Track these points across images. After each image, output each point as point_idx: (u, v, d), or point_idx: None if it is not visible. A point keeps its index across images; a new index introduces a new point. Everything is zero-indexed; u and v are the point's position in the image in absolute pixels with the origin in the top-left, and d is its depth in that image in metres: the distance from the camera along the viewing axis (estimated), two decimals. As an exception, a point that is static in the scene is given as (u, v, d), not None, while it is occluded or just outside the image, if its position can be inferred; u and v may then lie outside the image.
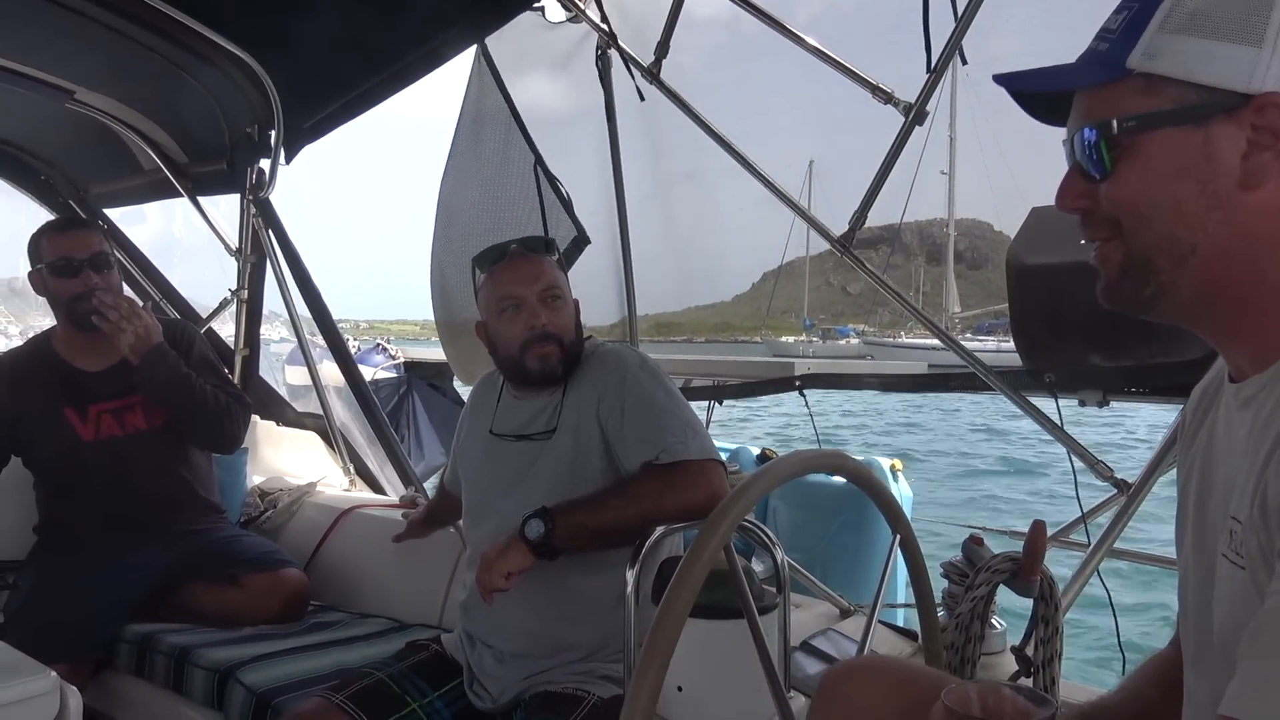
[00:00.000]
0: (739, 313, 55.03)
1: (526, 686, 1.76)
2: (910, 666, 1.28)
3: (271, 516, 3.11)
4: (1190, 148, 0.80)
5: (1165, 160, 0.81)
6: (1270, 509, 0.73)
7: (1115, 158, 0.83)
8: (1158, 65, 0.80)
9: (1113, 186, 0.84)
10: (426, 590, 2.56)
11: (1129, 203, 0.83)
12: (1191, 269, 0.82)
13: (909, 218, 29.23)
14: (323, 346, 3.54)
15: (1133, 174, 0.83)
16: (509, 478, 1.87)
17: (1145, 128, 0.81)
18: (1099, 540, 2.01)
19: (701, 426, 1.80)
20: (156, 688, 2.29)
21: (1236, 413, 0.86)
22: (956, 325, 36.53)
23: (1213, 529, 0.88)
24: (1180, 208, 0.81)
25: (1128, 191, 0.83)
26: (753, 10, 2.42)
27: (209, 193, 3.60)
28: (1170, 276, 0.83)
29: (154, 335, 2.54)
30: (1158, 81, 0.80)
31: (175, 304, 3.84)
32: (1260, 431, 0.79)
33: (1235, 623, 0.79)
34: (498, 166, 3.05)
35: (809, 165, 2.45)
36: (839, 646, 1.99)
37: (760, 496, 1.18)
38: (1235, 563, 0.79)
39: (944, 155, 34.96)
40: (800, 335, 48.46)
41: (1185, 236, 0.81)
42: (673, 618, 1.04)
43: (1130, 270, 0.85)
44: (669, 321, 3.75)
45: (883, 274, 2.52)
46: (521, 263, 1.87)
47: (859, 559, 3.16)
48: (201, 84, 3.07)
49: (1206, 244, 0.81)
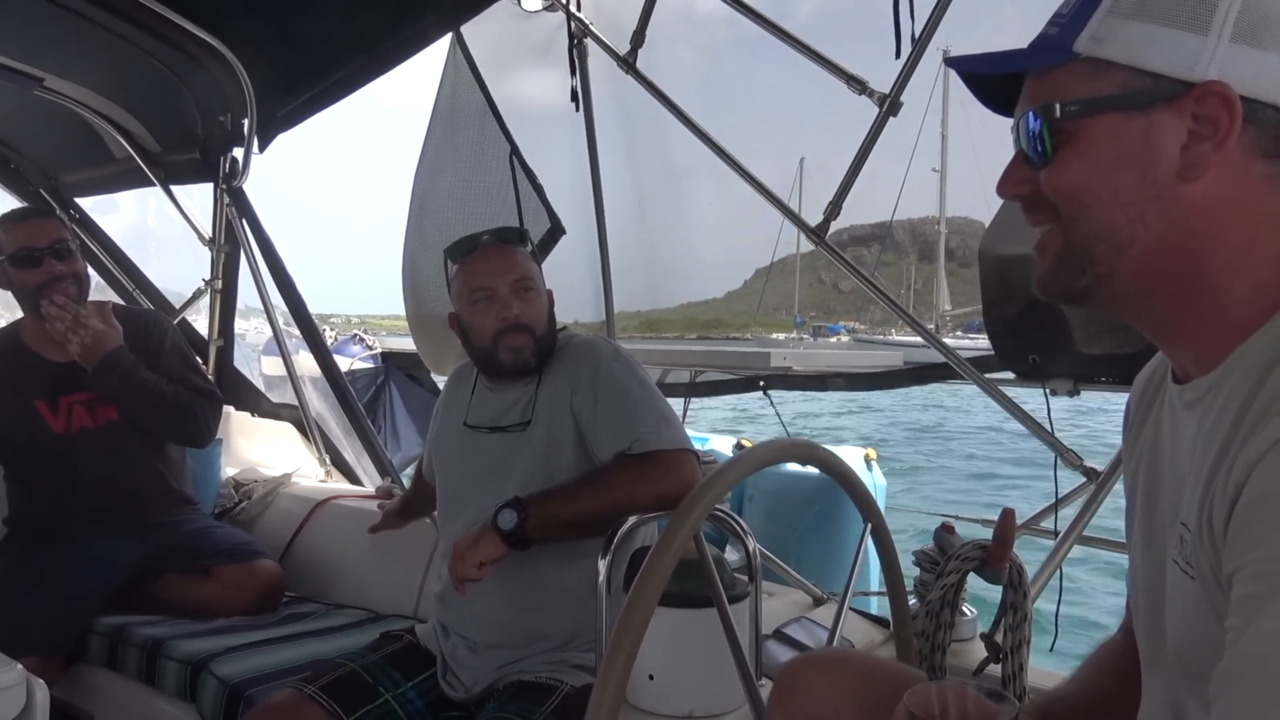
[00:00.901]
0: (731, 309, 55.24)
1: (500, 676, 1.77)
2: (870, 660, 1.29)
3: (246, 508, 3.09)
4: (1132, 135, 0.78)
5: (1106, 147, 0.79)
6: (1216, 528, 0.72)
7: (1057, 143, 0.81)
8: (1105, 50, 0.78)
9: (1052, 172, 0.82)
10: (402, 581, 2.55)
11: (1068, 190, 0.81)
12: (1129, 260, 0.80)
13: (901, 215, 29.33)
14: (298, 337, 3.52)
15: (1073, 160, 0.81)
16: (484, 470, 1.86)
17: (1088, 112, 0.79)
18: (1068, 528, 2.03)
19: (675, 417, 1.80)
20: (129, 680, 2.28)
21: (1182, 412, 0.85)
22: (948, 323, 36.63)
23: (1161, 531, 0.87)
24: (1119, 196, 0.79)
25: (1067, 178, 0.81)
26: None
27: (182, 182, 3.56)
28: (1107, 267, 0.81)
29: (106, 342, 2.51)
30: (1104, 66, 0.79)
31: (148, 294, 3.80)
32: (1206, 438, 0.78)
33: (1190, 634, 0.79)
34: (473, 157, 3.03)
35: (800, 163, 2.45)
36: (812, 634, 2.01)
37: (731, 486, 1.18)
38: (1186, 572, 0.78)
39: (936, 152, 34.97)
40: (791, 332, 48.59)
41: (1124, 226, 0.79)
42: (641, 606, 1.04)
43: (1067, 259, 0.83)
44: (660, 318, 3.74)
45: (874, 271, 2.53)
46: (493, 254, 1.87)
47: (833, 547, 3.18)
48: (173, 71, 3.04)
49: (1145, 235, 0.79)
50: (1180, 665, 0.82)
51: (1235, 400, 0.75)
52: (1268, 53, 0.75)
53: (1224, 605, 0.71)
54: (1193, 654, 0.79)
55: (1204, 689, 0.71)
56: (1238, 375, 0.76)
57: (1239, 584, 0.68)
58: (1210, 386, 0.80)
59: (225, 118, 3.24)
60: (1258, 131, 0.76)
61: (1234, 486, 0.70)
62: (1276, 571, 0.65)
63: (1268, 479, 0.67)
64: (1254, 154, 0.76)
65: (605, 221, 3.13)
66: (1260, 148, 0.76)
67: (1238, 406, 0.74)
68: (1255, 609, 0.65)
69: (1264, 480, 0.68)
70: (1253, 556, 0.67)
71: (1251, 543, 0.67)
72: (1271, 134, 0.76)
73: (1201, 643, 0.76)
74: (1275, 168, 0.76)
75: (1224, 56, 0.75)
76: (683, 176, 2.81)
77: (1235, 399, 0.75)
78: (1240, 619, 0.67)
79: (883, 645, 2.03)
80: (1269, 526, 0.66)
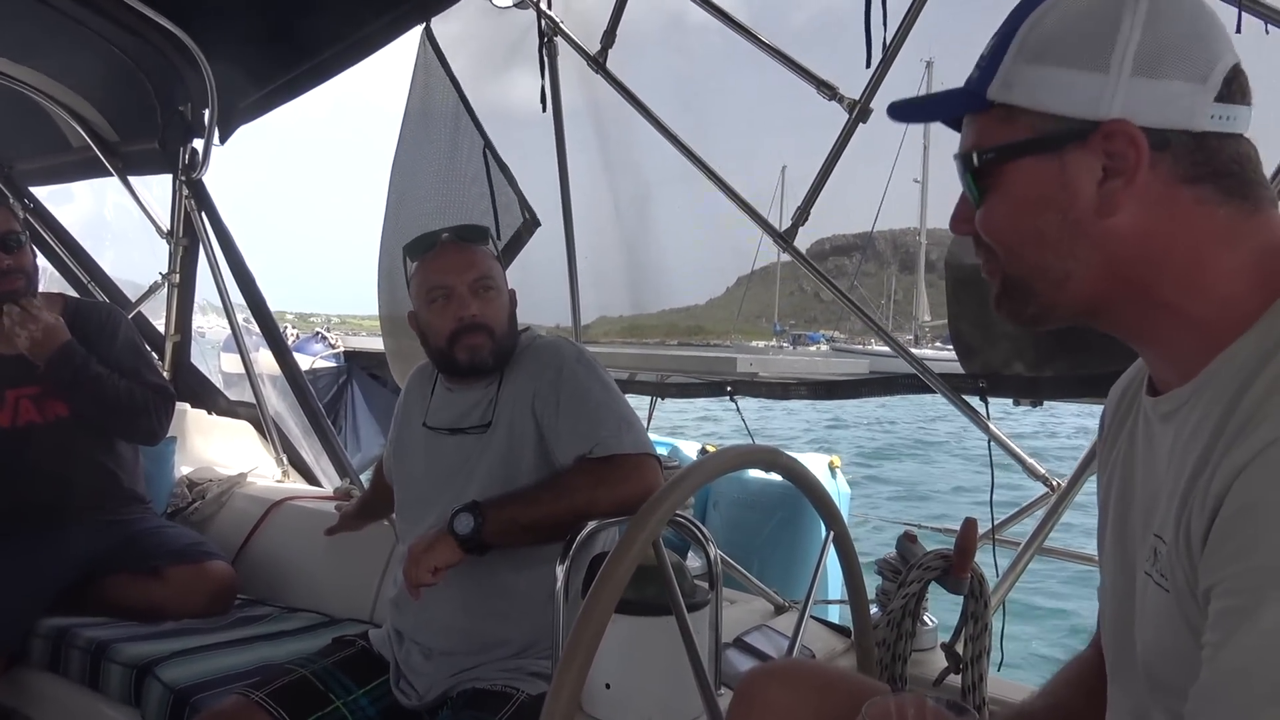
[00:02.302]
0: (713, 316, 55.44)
1: (454, 684, 1.73)
2: (830, 671, 1.28)
3: (199, 508, 3.03)
4: (1048, 177, 0.79)
5: (1026, 190, 0.80)
6: (1194, 540, 0.72)
7: (982, 188, 0.82)
8: (1013, 95, 0.79)
9: (983, 217, 0.84)
10: (358, 584, 2.51)
11: (996, 233, 0.83)
12: (1070, 292, 0.81)
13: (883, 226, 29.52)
14: (259, 334, 3.46)
15: (998, 205, 0.82)
16: (444, 472, 1.83)
17: (1003, 159, 0.80)
18: (1029, 538, 2.03)
19: (638, 421, 1.78)
20: (71, 684, 2.21)
21: (1158, 424, 0.84)
22: (927, 333, 36.92)
23: (1134, 543, 0.86)
24: (1044, 238, 0.80)
25: (994, 222, 0.83)
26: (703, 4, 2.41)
27: (140, 172, 3.49)
28: (1050, 299, 0.83)
29: (56, 337, 2.45)
30: (1016, 112, 0.79)
31: (103, 287, 3.72)
32: (1183, 450, 0.77)
33: (1161, 646, 0.78)
34: (447, 151, 2.99)
35: (782, 170, 2.44)
36: (773, 643, 1.99)
37: (692, 492, 1.16)
38: (1160, 584, 0.77)
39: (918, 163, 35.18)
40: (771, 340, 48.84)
41: (1056, 264, 0.80)
42: (597, 613, 1.02)
43: (1012, 292, 0.85)
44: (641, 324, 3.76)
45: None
46: (453, 252, 1.83)
47: (796, 555, 3.17)
48: (132, 59, 2.98)
49: (1080, 269, 0.80)
50: (1149, 678, 0.81)
51: (1214, 412, 0.74)
52: (1172, 81, 0.75)
53: (1198, 618, 0.70)
54: (1162, 667, 0.78)
55: (1173, 702, 0.70)
56: (1215, 387, 0.75)
57: (1218, 598, 0.67)
58: (1187, 398, 0.79)
59: (186, 108, 3.18)
60: (1174, 159, 0.76)
61: (1214, 497, 0.69)
62: (1257, 585, 0.64)
63: (1250, 490, 0.66)
64: (1174, 181, 0.76)
65: (574, 223, 3.10)
66: (1180, 174, 0.76)
67: (1216, 418, 0.73)
68: (1235, 623, 0.64)
69: (1246, 491, 0.67)
70: (1233, 570, 0.66)
71: (1232, 555, 0.67)
72: (1189, 160, 0.76)
73: (1172, 655, 0.75)
74: (1203, 190, 0.77)
75: (1126, 92, 0.75)
76: (666, 182, 2.79)
77: (1214, 410, 0.74)
78: (1219, 634, 0.66)
79: (844, 654, 2.02)
80: (1250, 539, 0.65)
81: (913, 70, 2.26)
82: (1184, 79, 0.75)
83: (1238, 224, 0.77)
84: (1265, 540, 0.64)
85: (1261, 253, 0.77)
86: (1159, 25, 0.75)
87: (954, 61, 0.88)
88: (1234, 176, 0.77)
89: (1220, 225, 0.77)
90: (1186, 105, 0.75)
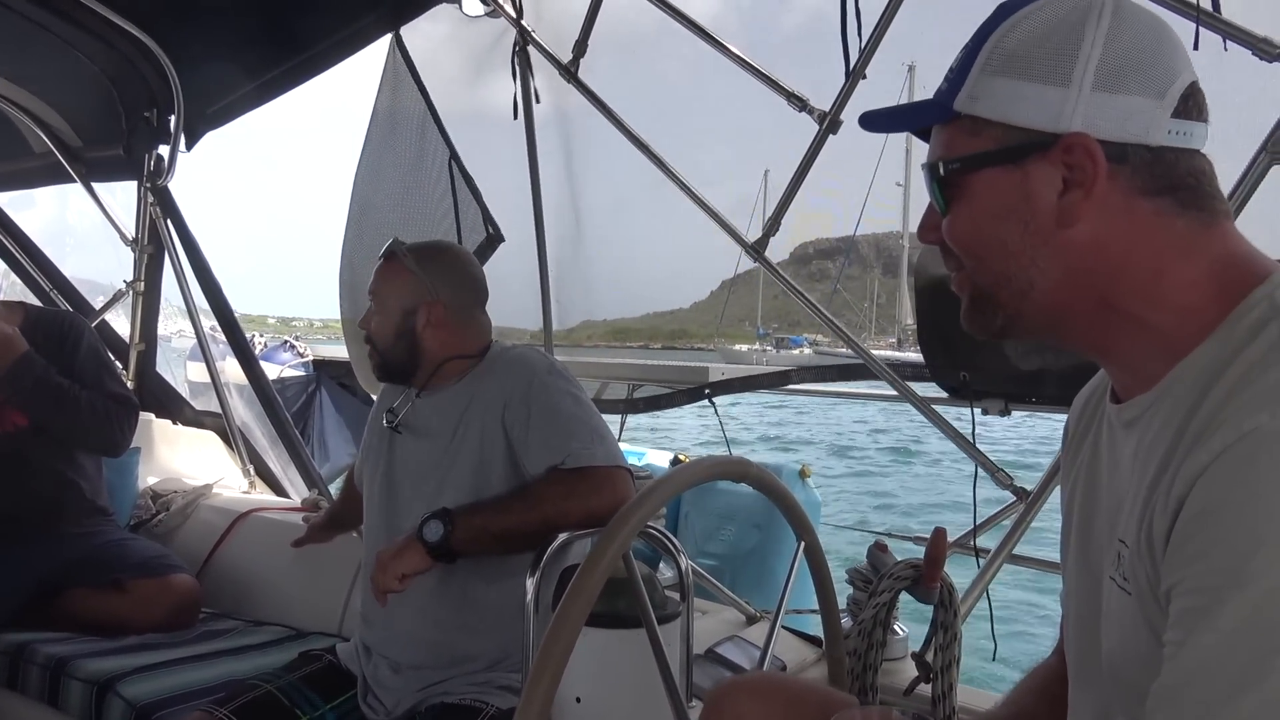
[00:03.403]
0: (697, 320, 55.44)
1: (422, 698, 1.71)
2: (800, 683, 1.28)
3: (164, 519, 2.97)
4: (1011, 188, 0.80)
5: (989, 201, 0.82)
6: (1156, 542, 0.73)
7: (948, 198, 0.84)
8: (979, 108, 0.81)
9: (948, 226, 0.85)
10: (326, 597, 2.47)
11: (962, 241, 0.85)
12: (1034, 302, 0.83)
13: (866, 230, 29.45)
14: (225, 342, 3.41)
15: (963, 214, 0.84)
16: (412, 479, 1.81)
17: (968, 169, 0.82)
18: (998, 547, 2.04)
19: (609, 433, 1.77)
20: (30, 701, 2.16)
21: (1120, 431, 0.85)
22: (909, 336, 37.21)
23: (1098, 549, 0.87)
24: (1007, 247, 0.81)
25: (959, 231, 0.84)
26: (669, 10, 2.42)
27: (104, 179, 3.44)
28: (1015, 309, 0.84)
29: (14, 348, 2.41)
30: (980, 123, 0.81)
31: (66, 295, 3.65)
32: (1145, 455, 0.78)
33: (1125, 649, 0.79)
34: (413, 160, 2.98)
35: (764, 175, 2.47)
36: (745, 653, 1.99)
37: (662, 504, 1.15)
38: (1123, 588, 0.79)
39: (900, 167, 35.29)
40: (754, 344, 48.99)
41: (1019, 274, 0.82)
42: (567, 626, 1.01)
43: (978, 302, 0.86)
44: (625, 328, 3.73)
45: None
46: (379, 265, 1.89)
47: (768, 565, 3.17)
48: (96, 64, 2.94)
49: (1041, 279, 0.81)
50: (1115, 680, 0.82)
51: (1175, 417, 0.75)
52: (1131, 96, 0.76)
53: (1159, 620, 0.72)
54: (1127, 669, 0.79)
55: (1135, 705, 0.71)
56: (1176, 393, 0.77)
57: (1178, 598, 0.68)
58: (1150, 404, 0.80)
59: (151, 114, 3.13)
60: (1132, 172, 0.77)
61: (1175, 499, 0.70)
62: (1216, 585, 0.65)
63: (1210, 492, 0.68)
64: (1134, 193, 0.78)
65: (545, 230, 3.09)
66: (1138, 187, 0.78)
67: (1178, 423, 0.74)
68: (1195, 623, 0.66)
69: (1206, 494, 0.68)
70: (1193, 570, 0.67)
71: (1192, 556, 0.68)
72: (1147, 173, 0.78)
73: (1134, 657, 0.77)
74: (1161, 202, 0.78)
75: (1087, 106, 0.77)
76: (650, 186, 2.80)
77: (1175, 416, 0.75)
78: (1180, 633, 0.67)
79: (815, 664, 2.02)
80: (1209, 540, 0.66)
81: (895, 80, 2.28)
82: (1142, 94, 0.76)
83: (1195, 235, 0.78)
84: (1224, 541, 0.65)
85: (1218, 263, 0.78)
86: (1119, 42, 0.77)
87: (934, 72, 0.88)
88: (1191, 190, 0.78)
89: (1178, 236, 0.78)
90: (1144, 120, 0.76)
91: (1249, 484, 0.65)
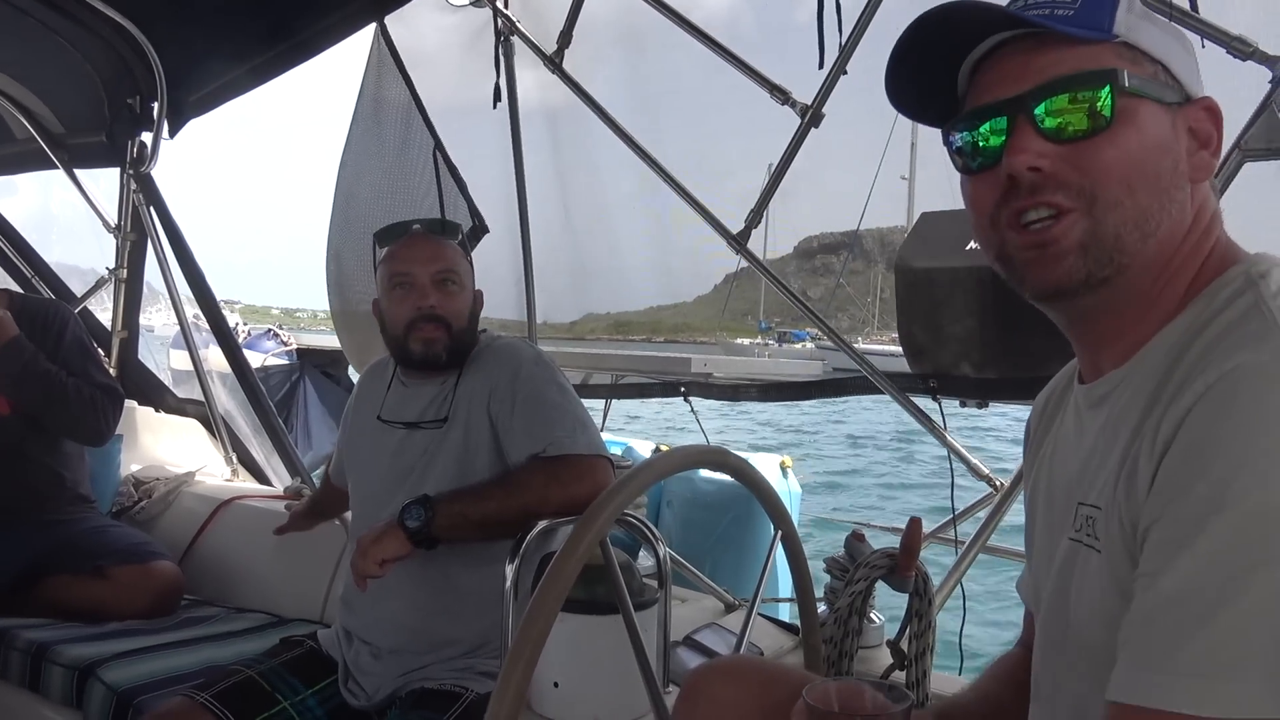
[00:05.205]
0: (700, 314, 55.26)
1: (403, 683, 1.72)
2: (774, 667, 1.30)
3: (146, 507, 2.97)
4: (1167, 124, 0.80)
5: (1154, 130, 0.79)
6: (1138, 493, 0.73)
7: (1116, 116, 0.78)
8: (1142, 40, 0.80)
9: (1105, 148, 0.78)
10: (308, 584, 2.48)
11: (1119, 169, 0.78)
12: (1148, 252, 0.79)
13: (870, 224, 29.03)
14: (209, 330, 3.41)
15: (1129, 138, 0.78)
16: (399, 468, 1.82)
17: (1143, 93, 0.79)
18: (973, 537, 2.07)
19: (592, 423, 1.79)
20: (10, 686, 2.16)
21: (1086, 412, 0.87)
22: None
23: (1063, 525, 0.88)
24: (1160, 182, 0.79)
25: (1122, 155, 0.78)
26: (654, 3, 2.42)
27: (87, 166, 3.43)
28: (1131, 256, 0.79)
29: (3, 332, 2.40)
30: (1140, 55, 0.80)
31: (49, 283, 3.63)
32: (1116, 422, 0.80)
33: (1092, 613, 0.80)
34: (397, 150, 2.97)
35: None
36: (722, 640, 2.01)
37: (640, 493, 1.17)
38: (1092, 546, 0.80)
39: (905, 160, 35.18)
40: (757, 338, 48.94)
41: (1158, 212, 0.79)
42: (543, 612, 1.03)
43: (1094, 248, 0.79)
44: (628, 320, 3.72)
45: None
46: (420, 243, 1.85)
47: (747, 554, 3.20)
48: (79, 50, 2.92)
49: (1167, 225, 0.80)
50: (1080, 649, 0.83)
51: (1149, 383, 0.77)
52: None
53: (1128, 579, 0.72)
54: (1094, 632, 0.79)
55: (1104, 669, 0.71)
56: (1150, 362, 0.79)
57: (1156, 531, 0.69)
58: (1122, 378, 0.82)
59: (134, 100, 3.12)
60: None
61: (1162, 443, 0.71)
62: (1197, 514, 0.66)
63: (1193, 430, 0.69)
64: None
65: (530, 221, 3.10)
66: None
67: (1151, 388, 0.76)
68: (1174, 551, 0.66)
69: (1190, 432, 0.69)
70: (1174, 504, 0.68)
71: (1175, 492, 0.68)
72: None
73: (1103, 620, 0.76)
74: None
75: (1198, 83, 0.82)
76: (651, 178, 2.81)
77: (1149, 382, 0.77)
78: (1156, 563, 0.68)
79: (791, 652, 2.05)
80: (1192, 473, 0.67)
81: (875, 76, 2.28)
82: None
83: (1218, 218, 0.84)
84: (1205, 472, 0.66)
85: (1218, 245, 0.83)
86: None
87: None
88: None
89: (1218, 217, 0.84)
90: None
91: (1230, 416, 0.67)
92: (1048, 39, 0.80)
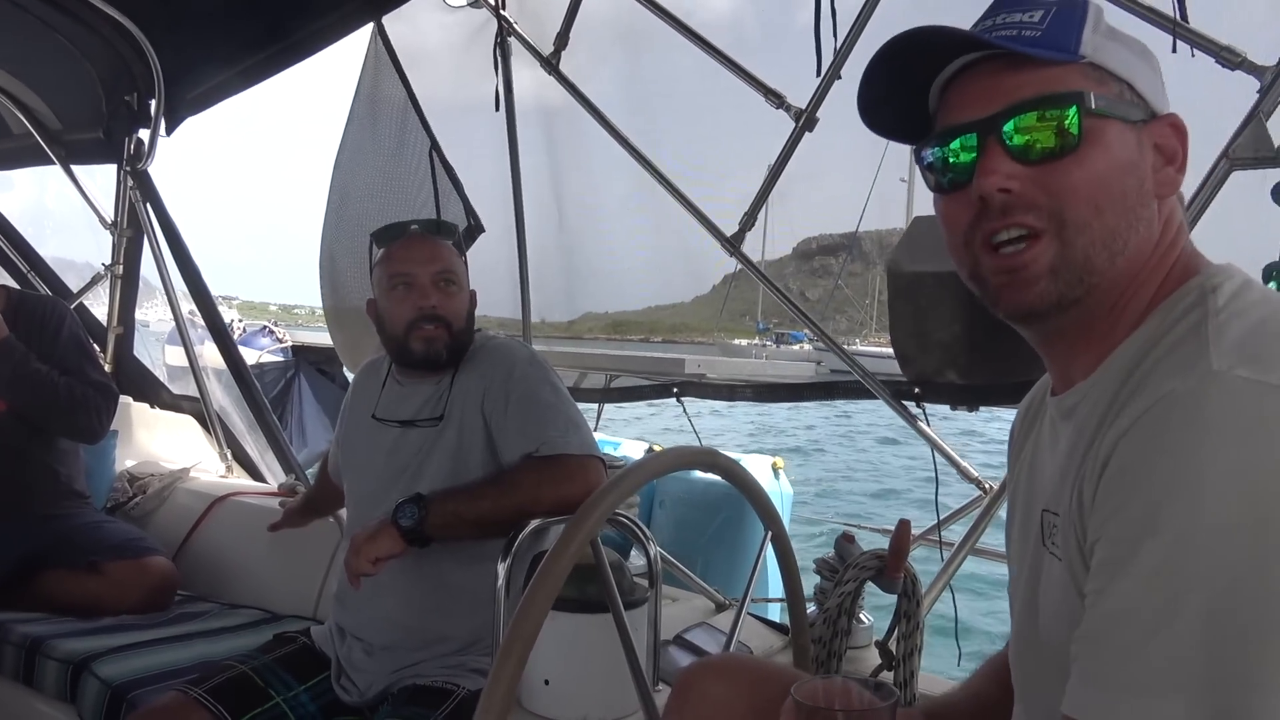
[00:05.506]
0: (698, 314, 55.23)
1: (395, 680, 1.74)
2: (765, 665, 1.31)
3: (140, 502, 2.98)
4: (1133, 143, 0.81)
5: (1121, 151, 0.80)
6: (1085, 505, 0.76)
7: (1083, 137, 0.79)
8: (1108, 60, 0.81)
9: (1072, 170, 0.79)
10: (302, 581, 2.49)
11: (1086, 190, 0.79)
12: (1116, 270, 0.81)
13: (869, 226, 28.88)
14: (204, 326, 3.41)
15: (1097, 158, 0.79)
16: (394, 466, 1.84)
17: (1108, 112, 0.80)
18: (962, 539, 2.09)
19: (585, 424, 1.80)
20: (4, 680, 2.17)
21: (1060, 424, 0.89)
22: None
23: (1034, 529, 0.91)
24: (1126, 201, 0.80)
25: (1089, 176, 0.79)
26: (649, 5, 2.44)
27: (84, 162, 3.43)
28: (1100, 275, 0.80)
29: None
30: (1106, 75, 0.81)
31: (45, 278, 3.64)
32: (1077, 434, 0.82)
33: (1057, 615, 0.83)
34: (393, 150, 2.98)
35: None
36: (713, 640, 2.03)
37: (630, 493, 1.18)
38: (1054, 554, 0.83)
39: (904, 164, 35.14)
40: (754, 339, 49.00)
41: (1125, 231, 0.80)
42: (535, 611, 1.04)
43: (1064, 271, 0.80)
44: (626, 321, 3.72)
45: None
46: (418, 243, 1.86)
47: (738, 554, 3.21)
48: (77, 47, 2.92)
49: (1134, 243, 0.81)
50: (1048, 648, 0.85)
51: (1105, 396, 0.79)
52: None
53: (1085, 583, 0.75)
54: (1058, 633, 0.82)
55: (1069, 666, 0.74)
56: (1108, 376, 0.81)
57: (1099, 550, 0.72)
58: (1088, 389, 0.84)
59: (132, 97, 3.13)
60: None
61: (1101, 462, 0.74)
62: (1133, 535, 0.69)
63: (1127, 452, 0.72)
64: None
65: (525, 221, 3.11)
66: None
67: (1107, 400, 0.78)
68: (1114, 570, 0.70)
69: (1124, 453, 0.72)
70: (1112, 523, 0.71)
71: (1112, 511, 0.72)
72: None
73: (1066, 622, 0.79)
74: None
75: (1164, 99, 0.84)
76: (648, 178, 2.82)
77: (1105, 396, 0.79)
78: (1100, 581, 0.71)
79: (781, 651, 2.06)
80: (1127, 494, 0.71)
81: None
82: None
83: (1184, 230, 0.85)
84: (1139, 494, 0.70)
85: (1182, 256, 0.84)
86: None
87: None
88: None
89: (1183, 229, 0.85)
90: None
91: (1161, 441, 0.70)
92: (1016, 59, 0.81)
